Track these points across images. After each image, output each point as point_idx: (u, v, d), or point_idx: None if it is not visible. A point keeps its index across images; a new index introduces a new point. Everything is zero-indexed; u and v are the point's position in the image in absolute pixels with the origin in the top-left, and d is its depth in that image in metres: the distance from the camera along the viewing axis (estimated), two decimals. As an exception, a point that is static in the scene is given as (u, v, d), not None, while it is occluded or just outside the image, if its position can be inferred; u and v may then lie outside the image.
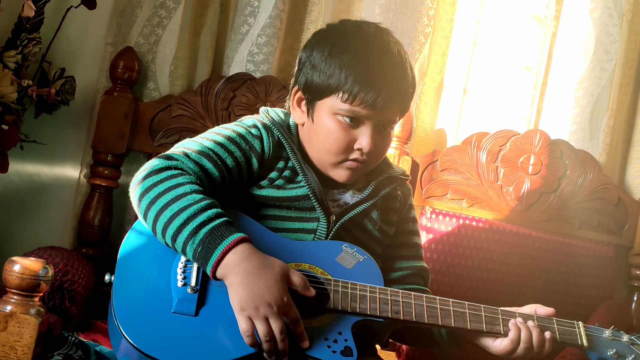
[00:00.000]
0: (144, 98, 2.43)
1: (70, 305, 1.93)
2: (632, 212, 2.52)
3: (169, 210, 1.49)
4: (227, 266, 1.45)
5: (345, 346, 1.49)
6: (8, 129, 2.19)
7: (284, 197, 1.67)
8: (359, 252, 1.65)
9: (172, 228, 1.48)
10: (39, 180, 2.43)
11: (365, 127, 1.64)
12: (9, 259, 1.60)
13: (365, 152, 1.64)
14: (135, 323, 1.45)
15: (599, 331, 1.66)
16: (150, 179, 1.54)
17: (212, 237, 1.46)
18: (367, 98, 1.60)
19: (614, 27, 2.56)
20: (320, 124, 1.67)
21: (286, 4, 2.45)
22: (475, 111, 2.62)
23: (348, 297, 1.55)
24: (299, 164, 1.68)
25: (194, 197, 1.50)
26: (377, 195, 1.75)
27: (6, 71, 2.17)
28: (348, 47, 1.65)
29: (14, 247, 2.38)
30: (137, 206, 1.55)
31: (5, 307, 1.59)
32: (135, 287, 1.51)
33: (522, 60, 2.60)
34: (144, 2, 2.41)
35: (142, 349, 1.41)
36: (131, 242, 1.59)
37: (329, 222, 1.68)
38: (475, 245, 2.40)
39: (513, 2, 2.59)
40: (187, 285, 1.50)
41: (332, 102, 1.64)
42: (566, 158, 2.50)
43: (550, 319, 1.64)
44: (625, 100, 2.62)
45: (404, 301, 1.59)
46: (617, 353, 1.62)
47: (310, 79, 1.67)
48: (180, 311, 1.47)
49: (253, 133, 1.67)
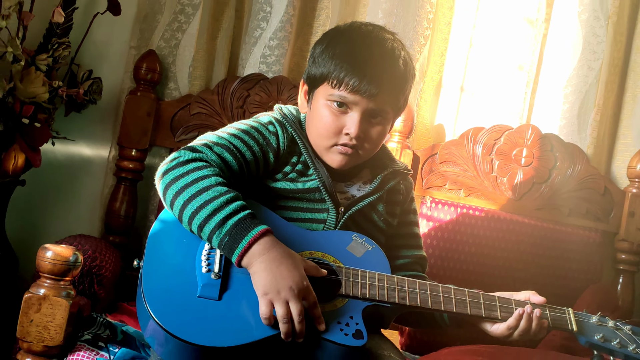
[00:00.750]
0: (165, 97, 2.44)
1: (99, 288, 1.94)
2: (618, 201, 2.52)
3: (195, 201, 1.49)
4: (252, 256, 1.46)
5: (357, 329, 1.49)
6: (40, 126, 2.20)
7: (297, 189, 1.67)
8: (367, 241, 1.65)
9: (199, 218, 1.48)
10: (69, 174, 2.44)
11: (354, 112, 1.63)
12: (42, 246, 1.62)
13: (353, 136, 1.63)
14: (163, 306, 1.45)
15: (587, 317, 1.66)
16: (177, 169, 1.53)
17: (238, 229, 1.47)
18: (351, 82, 1.59)
19: (601, 29, 2.55)
20: (315, 110, 1.67)
21: (296, 9, 2.45)
22: (471, 108, 2.61)
23: (358, 284, 1.55)
24: (310, 159, 1.68)
25: (220, 190, 1.50)
26: (383, 189, 1.75)
27: (38, 73, 2.18)
28: (342, 41, 1.66)
29: (46, 235, 2.40)
30: (163, 195, 1.55)
31: (38, 290, 1.60)
32: (162, 273, 1.50)
33: (515, 60, 2.60)
34: (164, 9, 2.42)
35: (169, 330, 1.41)
36: (158, 230, 1.59)
37: (337, 213, 1.68)
38: (472, 232, 2.40)
39: (506, 6, 2.58)
40: (211, 271, 1.50)
41: (324, 89, 1.65)
42: (556, 151, 2.50)
43: (544, 306, 1.64)
44: (611, 97, 2.61)
45: (410, 288, 1.59)
46: (603, 337, 1.61)
47: (311, 71, 1.68)
48: (204, 295, 1.47)
49: (270, 130, 1.68)
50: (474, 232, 2.40)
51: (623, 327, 1.64)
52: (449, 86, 2.59)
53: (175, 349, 1.44)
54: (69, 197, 2.46)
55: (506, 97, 2.60)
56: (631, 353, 1.60)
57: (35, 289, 1.61)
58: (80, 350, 1.66)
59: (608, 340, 1.61)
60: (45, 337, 1.60)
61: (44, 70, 2.20)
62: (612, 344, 1.61)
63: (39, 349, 1.61)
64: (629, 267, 2.51)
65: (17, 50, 2.14)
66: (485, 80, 2.60)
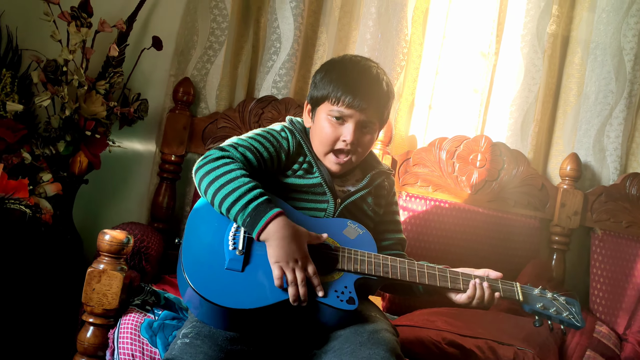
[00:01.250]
0: (198, 114, 2.43)
1: (146, 264, 1.94)
2: (552, 194, 2.52)
3: (225, 188, 1.50)
4: (268, 233, 1.47)
5: (350, 297, 1.49)
6: (100, 137, 2.20)
7: (303, 184, 1.67)
8: (359, 227, 1.65)
9: (228, 202, 1.49)
10: (122, 174, 2.45)
11: (349, 124, 1.63)
12: (101, 231, 1.62)
13: (349, 142, 1.63)
14: (198, 276, 1.45)
15: (531, 290, 1.65)
16: (210, 164, 1.54)
17: (258, 211, 1.48)
18: (347, 100, 1.61)
19: (538, 60, 2.55)
20: (318, 124, 1.67)
21: (300, 46, 2.45)
22: (437, 122, 2.60)
23: (352, 261, 1.55)
24: (313, 160, 1.68)
25: (243, 180, 1.51)
26: (372, 185, 1.75)
27: (98, 96, 2.19)
28: (337, 68, 1.67)
29: (104, 222, 2.40)
30: (198, 184, 1.55)
31: (99, 265, 1.61)
32: (197, 249, 1.50)
33: (472, 84, 2.59)
34: (197, 45, 2.41)
35: (203, 295, 1.42)
36: (194, 216, 1.58)
37: (336, 203, 1.68)
38: (439, 220, 2.40)
39: (464, 42, 2.58)
40: (236, 248, 1.50)
41: (325, 106, 1.65)
42: (504, 155, 2.50)
43: (497, 280, 1.64)
44: (546, 113, 2.61)
45: (392, 265, 1.59)
46: (543, 306, 1.61)
47: (313, 93, 1.69)
48: (231, 268, 1.47)
49: (282, 135, 1.68)
50: (440, 220, 2.41)
51: (559, 298, 1.65)
52: (420, 105, 2.59)
53: (208, 311, 1.44)
54: (123, 192, 2.46)
55: (465, 113, 2.60)
56: (565, 318, 1.61)
57: (96, 264, 1.61)
58: (131, 313, 1.66)
59: (547, 308, 1.61)
60: (104, 302, 1.61)
61: (102, 93, 2.21)
62: (549, 311, 1.61)
63: (99, 312, 1.62)
64: (561, 247, 2.51)
65: (81, 78, 2.15)
66: (448, 100, 2.60)
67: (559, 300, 1.64)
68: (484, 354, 1.90)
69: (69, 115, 2.14)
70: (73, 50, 2.14)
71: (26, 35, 2.28)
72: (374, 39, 2.49)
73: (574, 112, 2.60)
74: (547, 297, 1.65)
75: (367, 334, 1.48)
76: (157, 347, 1.60)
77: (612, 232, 2.51)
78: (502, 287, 1.62)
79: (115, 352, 1.60)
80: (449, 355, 1.88)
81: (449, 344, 1.89)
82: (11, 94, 2.10)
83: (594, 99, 2.57)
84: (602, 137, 2.58)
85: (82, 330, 1.64)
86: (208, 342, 1.44)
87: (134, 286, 1.76)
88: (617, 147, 2.57)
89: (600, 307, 2.43)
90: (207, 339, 1.44)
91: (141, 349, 1.59)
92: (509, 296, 1.62)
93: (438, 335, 1.91)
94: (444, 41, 2.58)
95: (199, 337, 1.45)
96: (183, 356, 1.40)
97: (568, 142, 2.61)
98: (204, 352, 1.41)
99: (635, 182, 2.53)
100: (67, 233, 2.21)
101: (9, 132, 2.04)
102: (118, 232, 1.62)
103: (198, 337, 1.45)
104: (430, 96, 2.59)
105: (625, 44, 2.55)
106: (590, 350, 2.14)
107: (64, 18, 2.14)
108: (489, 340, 1.93)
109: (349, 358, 1.43)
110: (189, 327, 1.49)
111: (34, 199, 2.05)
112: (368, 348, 1.44)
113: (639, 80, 2.58)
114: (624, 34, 2.55)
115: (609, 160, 2.58)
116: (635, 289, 2.41)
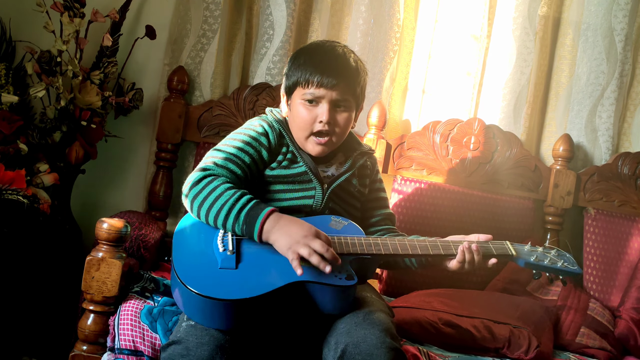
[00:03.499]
0: (193, 103, 2.43)
1: (144, 252, 1.94)
2: (545, 176, 2.52)
3: (215, 206, 1.51)
4: (267, 231, 1.48)
5: (348, 274, 1.50)
6: (95, 127, 2.20)
7: (289, 174, 1.67)
8: (342, 219, 1.65)
9: (221, 217, 1.51)
10: (119, 164, 2.44)
11: (322, 104, 1.64)
12: (100, 220, 1.62)
13: (325, 122, 1.64)
14: (195, 279, 1.44)
15: (522, 246, 1.68)
16: (195, 187, 1.55)
17: (250, 216, 1.49)
18: (316, 80, 1.62)
19: (530, 42, 2.55)
20: (294, 110, 1.68)
21: (293, 32, 2.44)
22: (431, 106, 2.60)
23: (343, 245, 1.56)
24: (296, 150, 1.68)
25: (229, 193, 1.52)
26: (354, 167, 1.75)
27: (93, 86, 2.18)
28: (303, 54, 1.69)
29: (102, 211, 2.40)
30: (190, 209, 1.57)
31: (97, 254, 1.61)
32: (189, 259, 1.50)
33: (464, 67, 2.59)
34: (190, 33, 2.40)
35: (203, 294, 1.40)
36: (179, 236, 1.57)
37: (323, 189, 1.68)
38: (433, 202, 2.41)
39: (457, 26, 2.58)
40: (226, 249, 1.50)
41: (298, 92, 1.66)
42: (497, 138, 2.50)
43: (488, 242, 1.64)
44: (539, 95, 2.61)
45: (382, 242, 1.59)
46: (537, 258, 1.63)
47: (286, 83, 1.70)
48: (224, 267, 1.47)
49: (259, 132, 1.68)
50: (435, 203, 2.41)
51: (550, 250, 1.68)
52: (413, 89, 2.59)
53: (210, 310, 1.43)
54: (120, 181, 2.45)
55: (458, 97, 2.60)
56: (560, 267, 1.63)
57: (95, 252, 1.61)
58: (131, 299, 1.66)
59: (541, 260, 1.63)
60: (104, 289, 1.61)
61: (97, 83, 2.20)
62: (544, 263, 1.63)
63: (99, 299, 1.62)
64: (555, 226, 2.52)
65: (75, 68, 2.14)
66: (441, 84, 2.60)
67: (551, 253, 1.67)
68: (480, 333, 1.91)
69: (64, 106, 2.13)
70: (67, 41, 2.13)
71: (20, 26, 2.26)
72: (366, 24, 2.48)
73: (566, 94, 2.60)
74: (539, 250, 1.67)
75: (362, 315, 1.49)
76: (157, 333, 1.61)
77: (605, 211, 2.52)
78: (493, 246, 1.63)
79: (116, 339, 1.61)
80: (445, 335, 1.89)
81: (446, 324, 1.90)
82: (6, 85, 2.10)
83: (586, 80, 2.57)
84: (594, 118, 2.58)
85: (82, 318, 1.64)
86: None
87: (133, 273, 1.77)
88: (609, 127, 2.58)
89: (594, 285, 2.44)
90: None
91: (142, 335, 1.60)
92: (502, 253, 1.62)
93: (434, 315, 1.92)
94: (436, 25, 2.58)
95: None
96: (189, 338, 1.41)
97: (560, 123, 2.61)
98: (209, 333, 1.41)
99: (627, 162, 2.54)
100: (65, 223, 2.21)
101: (5, 124, 2.04)
102: (116, 220, 1.61)
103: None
104: (423, 80, 2.59)
105: (615, 24, 2.55)
106: (585, 327, 2.15)
107: (56, 9, 2.13)
108: (484, 319, 1.94)
109: (344, 338, 1.43)
110: None
111: (31, 189, 2.04)
112: (363, 328, 1.44)
113: (629, 60, 2.58)
114: (614, 15, 2.55)
115: (601, 141, 2.59)
116: (628, 267, 2.42)
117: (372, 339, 1.42)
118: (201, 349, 1.38)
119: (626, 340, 2.18)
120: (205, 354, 1.38)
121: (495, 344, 1.90)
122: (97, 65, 2.23)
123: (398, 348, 1.44)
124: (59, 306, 2.15)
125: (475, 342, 1.90)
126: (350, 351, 1.41)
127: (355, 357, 1.40)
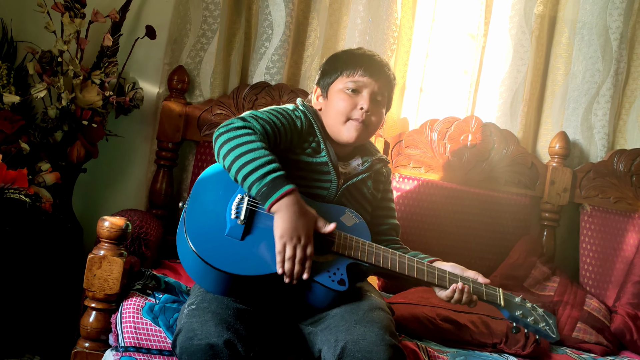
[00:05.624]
0: (193, 102, 2.42)
1: (146, 250, 1.94)
2: (542, 173, 2.52)
3: (245, 157, 1.50)
4: (280, 205, 1.47)
5: (341, 278, 1.51)
6: (96, 126, 2.20)
7: (310, 162, 1.68)
8: (356, 216, 1.66)
9: (245, 170, 1.49)
10: (120, 162, 2.44)
11: (364, 93, 1.68)
12: (101, 218, 1.62)
13: (365, 109, 1.67)
14: (199, 238, 1.46)
15: (512, 297, 1.65)
16: (232, 132, 1.54)
17: (275, 183, 1.48)
18: (362, 69, 1.69)
19: (526, 41, 2.55)
20: (332, 100, 1.71)
21: (292, 32, 2.44)
22: (428, 104, 2.60)
23: (346, 246, 1.56)
24: (322, 141, 1.69)
25: (263, 152, 1.51)
26: (372, 170, 1.77)
27: (93, 86, 2.18)
28: (345, 54, 1.77)
29: (104, 210, 2.40)
30: (218, 149, 1.54)
31: (99, 252, 1.61)
32: (200, 214, 1.51)
33: (461, 66, 2.59)
34: (190, 33, 2.40)
35: (201, 255, 1.43)
36: (200, 185, 1.58)
37: (338, 184, 1.69)
38: (430, 200, 2.41)
39: (453, 24, 2.57)
40: (238, 217, 1.50)
41: (340, 81, 1.71)
42: (494, 136, 2.50)
43: (482, 285, 1.63)
44: (535, 93, 2.61)
45: (384, 255, 1.60)
46: (522, 314, 1.62)
47: (324, 77, 1.75)
48: (231, 235, 1.48)
49: (295, 114, 1.69)
50: (431, 200, 2.41)
51: (538, 309, 1.66)
52: (411, 88, 2.58)
53: (205, 273, 1.45)
54: (121, 180, 2.45)
55: (455, 95, 2.59)
56: (541, 329, 1.61)
57: (96, 250, 1.61)
58: (133, 297, 1.66)
59: (525, 317, 1.62)
60: (106, 287, 1.61)
61: (98, 83, 2.20)
62: (527, 320, 1.62)
63: (101, 297, 1.62)
64: (551, 223, 2.52)
65: (76, 68, 2.14)
66: (438, 82, 2.59)
67: (537, 311, 1.65)
68: (478, 328, 1.91)
69: (65, 106, 2.13)
70: (67, 41, 2.13)
71: (21, 27, 2.26)
72: (364, 23, 2.48)
73: (562, 92, 2.60)
74: (527, 306, 1.65)
75: (362, 313, 1.49)
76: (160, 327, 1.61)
77: (601, 207, 2.53)
78: (485, 291, 1.63)
79: (119, 337, 1.61)
80: (443, 331, 1.90)
81: (444, 320, 1.91)
82: (7, 85, 2.10)
83: (581, 77, 2.57)
84: (590, 115, 2.59)
85: (84, 315, 1.65)
86: (215, 302, 1.46)
87: (135, 271, 1.77)
88: (605, 124, 2.58)
89: (590, 281, 2.44)
90: (214, 300, 1.47)
91: (145, 330, 1.60)
92: (492, 300, 1.62)
93: (432, 311, 1.93)
94: (433, 24, 2.57)
95: (205, 301, 1.47)
96: (192, 320, 1.42)
97: (556, 120, 2.61)
98: (211, 311, 1.43)
99: (622, 159, 2.54)
100: (67, 221, 2.21)
101: (7, 123, 2.04)
102: (117, 218, 1.61)
103: (204, 301, 1.47)
104: (421, 79, 2.58)
105: (611, 22, 2.55)
106: (581, 323, 2.16)
107: (57, 9, 2.13)
108: (482, 315, 1.95)
109: (344, 335, 1.44)
110: (193, 298, 1.51)
111: (33, 188, 2.04)
112: (362, 326, 1.45)
113: (625, 58, 2.58)
114: (609, 13, 2.55)
115: (597, 138, 2.59)
116: (623, 262, 2.43)
117: (371, 337, 1.42)
118: (206, 325, 1.40)
119: (622, 335, 2.18)
120: (211, 330, 1.39)
121: (492, 339, 1.91)
122: (97, 65, 2.23)
123: (397, 345, 1.45)
124: (61, 304, 2.15)
125: (473, 337, 1.90)
126: (350, 348, 1.42)
127: (355, 354, 1.41)
